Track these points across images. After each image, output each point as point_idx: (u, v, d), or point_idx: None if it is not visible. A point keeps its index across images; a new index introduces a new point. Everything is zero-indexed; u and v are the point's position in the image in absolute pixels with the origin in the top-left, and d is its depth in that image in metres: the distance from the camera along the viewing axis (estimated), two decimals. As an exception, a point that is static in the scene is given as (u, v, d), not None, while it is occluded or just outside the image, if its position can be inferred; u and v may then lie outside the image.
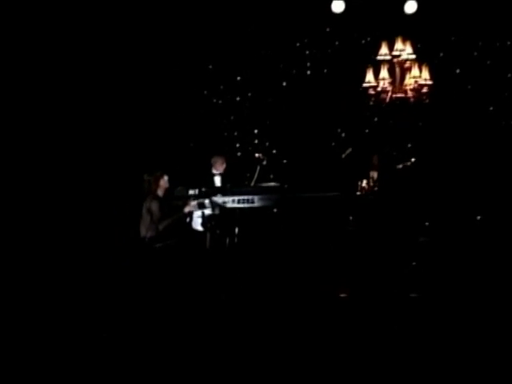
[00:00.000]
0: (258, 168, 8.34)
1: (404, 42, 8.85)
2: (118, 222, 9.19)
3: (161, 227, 7.51)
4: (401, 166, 9.17)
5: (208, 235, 7.78)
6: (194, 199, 7.72)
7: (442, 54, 10.12)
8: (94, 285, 7.74)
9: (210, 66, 10.46)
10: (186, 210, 7.70)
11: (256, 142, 10.53)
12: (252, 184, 8.31)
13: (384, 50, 8.85)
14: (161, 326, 6.43)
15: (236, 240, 7.87)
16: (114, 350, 5.83)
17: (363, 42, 10.22)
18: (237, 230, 7.80)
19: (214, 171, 8.59)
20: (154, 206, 7.51)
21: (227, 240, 7.78)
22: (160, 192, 7.64)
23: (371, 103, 9.19)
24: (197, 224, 8.19)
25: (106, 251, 8.65)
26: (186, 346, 5.89)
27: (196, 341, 6.00)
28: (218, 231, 7.83)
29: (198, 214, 8.09)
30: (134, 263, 7.57)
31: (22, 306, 6.97)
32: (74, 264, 8.39)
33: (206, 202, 7.71)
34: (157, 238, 7.51)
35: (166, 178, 7.68)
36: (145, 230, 7.55)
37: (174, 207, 7.70)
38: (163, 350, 5.84)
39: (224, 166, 8.68)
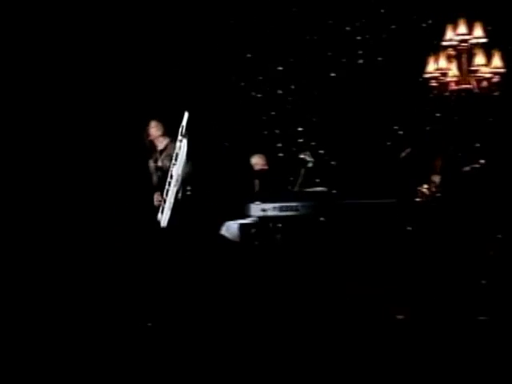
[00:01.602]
0: (303, 171, 8.47)
1: (472, 24, 8.52)
2: (119, 221, 9.21)
3: None
4: (468, 169, 8.95)
5: (243, 247, 7.84)
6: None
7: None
8: (94, 283, 7.77)
9: (248, 55, 10.30)
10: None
11: (300, 140, 10.28)
12: (296, 189, 8.45)
13: (449, 34, 8.51)
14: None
15: (277, 253, 7.86)
16: (115, 351, 5.89)
17: (424, 25, 9.88)
18: (278, 241, 7.87)
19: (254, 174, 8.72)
20: (150, 167, 7.56)
21: (267, 253, 7.81)
22: (159, 144, 7.55)
23: (433, 96, 8.93)
24: (230, 232, 8.13)
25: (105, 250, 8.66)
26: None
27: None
28: (256, 243, 7.94)
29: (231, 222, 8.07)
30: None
31: (22, 305, 7.08)
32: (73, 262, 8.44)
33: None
34: None
35: (152, 123, 7.56)
36: None
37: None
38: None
39: (265, 167, 8.79)
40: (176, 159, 7.58)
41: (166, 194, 7.65)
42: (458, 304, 7.28)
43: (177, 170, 7.61)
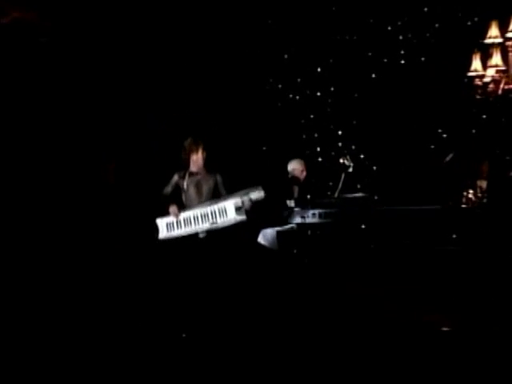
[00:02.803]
0: (343, 176, 8.38)
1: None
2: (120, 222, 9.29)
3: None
4: (515, 174, 8.74)
5: (280, 255, 7.75)
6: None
7: None
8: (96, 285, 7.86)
9: (286, 56, 10.32)
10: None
11: (340, 145, 10.30)
12: (336, 195, 8.35)
13: (494, 31, 8.33)
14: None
15: (316, 262, 7.78)
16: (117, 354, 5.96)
17: (469, 23, 9.76)
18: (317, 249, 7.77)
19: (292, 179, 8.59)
20: (172, 178, 7.32)
21: (305, 262, 7.74)
22: (193, 167, 7.22)
23: (478, 97, 8.72)
24: (267, 239, 8.10)
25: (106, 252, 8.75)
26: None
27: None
28: (294, 251, 7.84)
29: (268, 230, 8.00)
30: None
31: (22, 307, 7.22)
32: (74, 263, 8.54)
33: None
34: None
35: (200, 154, 7.40)
36: None
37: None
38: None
39: (304, 173, 8.69)
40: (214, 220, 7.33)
41: (189, 224, 7.37)
42: (505, 314, 7.13)
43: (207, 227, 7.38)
